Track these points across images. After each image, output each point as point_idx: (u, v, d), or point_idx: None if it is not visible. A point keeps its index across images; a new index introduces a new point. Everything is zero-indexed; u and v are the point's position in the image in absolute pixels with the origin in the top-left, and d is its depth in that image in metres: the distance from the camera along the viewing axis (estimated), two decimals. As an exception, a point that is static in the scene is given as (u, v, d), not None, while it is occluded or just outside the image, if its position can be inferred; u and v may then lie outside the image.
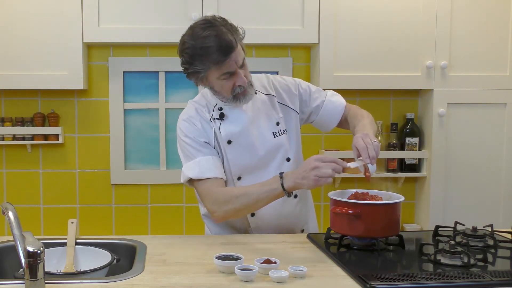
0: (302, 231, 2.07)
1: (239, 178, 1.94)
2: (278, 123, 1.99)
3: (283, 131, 1.99)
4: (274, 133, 1.97)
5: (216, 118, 1.93)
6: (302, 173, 1.70)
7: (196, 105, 1.98)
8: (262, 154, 1.95)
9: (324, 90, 2.12)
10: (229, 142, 1.92)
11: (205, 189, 1.88)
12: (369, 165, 1.72)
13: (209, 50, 1.77)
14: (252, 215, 1.97)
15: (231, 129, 1.92)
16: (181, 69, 3.07)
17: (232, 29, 1.83)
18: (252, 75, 1.99)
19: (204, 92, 2.01)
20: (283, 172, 1.77)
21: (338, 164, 1.68)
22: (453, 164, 2.93)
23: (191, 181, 1.92)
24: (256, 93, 1.96)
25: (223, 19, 1.84)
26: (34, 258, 1.31)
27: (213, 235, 2.03)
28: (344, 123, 2.09)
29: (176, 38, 1.87)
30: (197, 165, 1.89)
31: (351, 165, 1.74)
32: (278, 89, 2.03)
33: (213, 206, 1.86)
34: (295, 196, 2.02)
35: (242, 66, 1.84)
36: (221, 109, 1.94)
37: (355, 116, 2.02)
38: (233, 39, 1.79)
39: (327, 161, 1.68)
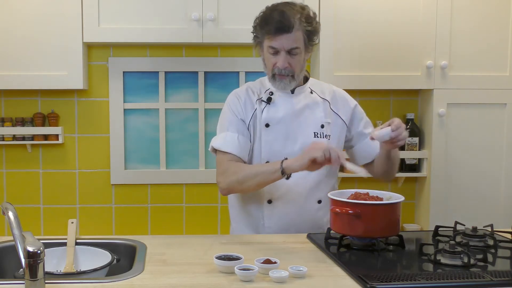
0: None
1: (267, 163, 1.98)
2: (323, 126, 2.02)
3: (326, 135, 2.02)
4: (316, 133, 2.01)
5: (263, 100, 2.01)
6: (300, 155, 1.83)
7: (248, 86, 2.09)
8: (296, 149, 1.98)
9: None
10: (267, 125, 1.99)
11: (219, 159, 1.99)
12: (362, 172, 1.84)
13: (268, 21, 1.91)
14: (269, 202, 1.99)
15: (273, 114, 1.99)
16: (180, 69, 3.08)
17: (306, 19, 1.91)
18: (318, 80, 2.13)
19: (262, 78, 2.10)
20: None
21: (336, 155, 1.75)
22: (453, 164, 2.93)
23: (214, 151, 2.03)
24: (312, 92, 2.05)
25: (303, 8, 1.94)
26: (34, 258, 1.31)
27: (213, 235, 2.04)
28: (374, 164, 2.11)
29: (176, 38, 1.87)
30: (223, 139, 1.99)
31: (348, 165, 1.81)
32: (335, 97, 2.09)
33: (220, 177, 1.96)
34: (319, 202, 2.03)
35: (291, 53, 1.92)
36: (271, 94, 2.01)
37: None
38: (296, 25, 1.88)
39: (324, 148, 1.77)
